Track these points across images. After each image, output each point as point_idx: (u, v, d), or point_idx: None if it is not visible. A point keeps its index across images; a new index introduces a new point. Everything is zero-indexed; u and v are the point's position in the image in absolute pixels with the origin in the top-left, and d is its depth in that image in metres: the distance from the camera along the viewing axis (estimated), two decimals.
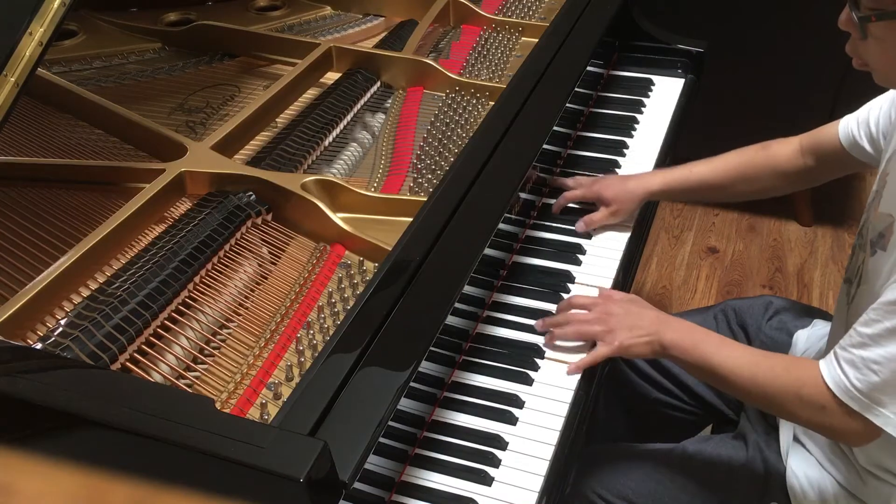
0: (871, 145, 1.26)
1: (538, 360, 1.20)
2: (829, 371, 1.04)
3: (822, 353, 1.27)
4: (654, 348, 1.18)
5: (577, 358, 1.20)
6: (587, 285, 1.33)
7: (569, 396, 1.15)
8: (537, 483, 1.04)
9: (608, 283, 1.33)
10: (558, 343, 1.22)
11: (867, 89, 2.48)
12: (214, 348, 1.05)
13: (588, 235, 1.42)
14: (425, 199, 1.19)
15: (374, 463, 0.98)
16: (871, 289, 1.11)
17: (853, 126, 1.29)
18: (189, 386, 1.00)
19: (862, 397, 1.01)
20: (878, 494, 1.16)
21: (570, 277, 1.34)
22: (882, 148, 1.23)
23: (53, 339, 0.98)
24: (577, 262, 1.37)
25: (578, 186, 1.46)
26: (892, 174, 1.15)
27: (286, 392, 0.97)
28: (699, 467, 1.29)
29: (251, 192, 1.23)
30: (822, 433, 1.16)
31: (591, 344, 1.21)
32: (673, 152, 1.68)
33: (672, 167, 1.49)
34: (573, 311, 1.24)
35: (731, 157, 1.44)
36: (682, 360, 1.18)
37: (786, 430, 1.27)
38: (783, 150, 1.40)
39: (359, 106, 1.49)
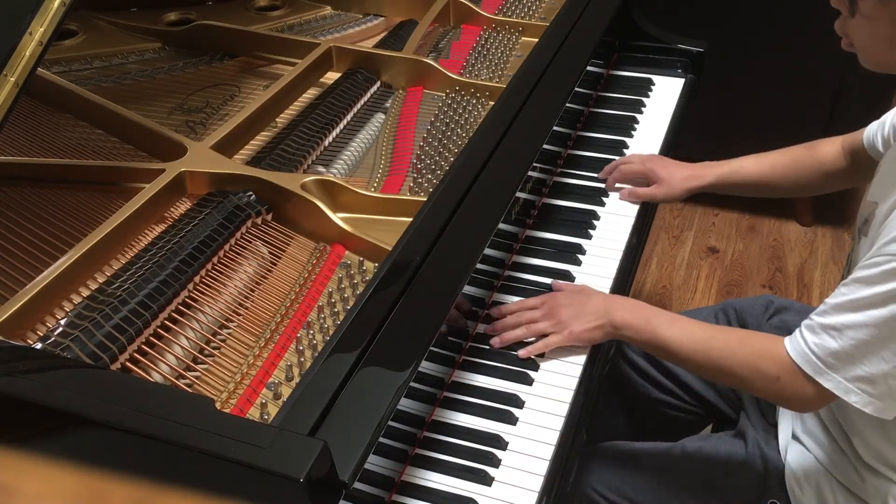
0: (883, 146, 1.28)
1: (538, 360, 1.20)
2: (791, 339, 1.07)
3: None
4: (606, 331, 1.20)
5: (576, 359, 1.19)
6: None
7: (569, 396, 1.15)
8: (537, 483, 1.04)
9: (608, 283, 1.33)
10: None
11: (866, 90, 2.48)
12: (214, 348, 1.05)
13: (589, 235, 1.42)
14: (425, 199, 1.19)
15: (374, 463, 0.98)
16: None
17: (874, 128, 1.33)
18: (189, 386, 1.00)
19: (817, 361, 1.03)
20: (877, 491, 1.16)
21: (570, 278, 1.34)
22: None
23: (53, 339, 0.98)
24: (577, 262, 1.37)
25: (631, 161, 1.51)
26: (884, 164, 1.19)
27: (286, 392, 0.97)
28: (699, 465, 1.30)
29: (251, 192, 1.23)
30: (775, 401, 1.21)
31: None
32: (673, 152, 1.68)
33: (721, 161, 1.51)
34: (524, 312, 1.24)
35: (778, 155, 1.46)
36: (635, 339, 1.20)
37: (784, 428, 1.28)
38: (828, 150, 1.43)
39: (359, 106, 1.49)
